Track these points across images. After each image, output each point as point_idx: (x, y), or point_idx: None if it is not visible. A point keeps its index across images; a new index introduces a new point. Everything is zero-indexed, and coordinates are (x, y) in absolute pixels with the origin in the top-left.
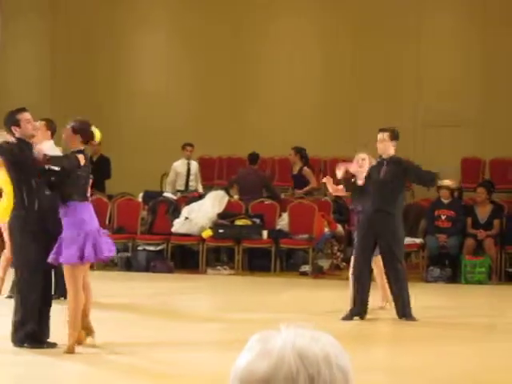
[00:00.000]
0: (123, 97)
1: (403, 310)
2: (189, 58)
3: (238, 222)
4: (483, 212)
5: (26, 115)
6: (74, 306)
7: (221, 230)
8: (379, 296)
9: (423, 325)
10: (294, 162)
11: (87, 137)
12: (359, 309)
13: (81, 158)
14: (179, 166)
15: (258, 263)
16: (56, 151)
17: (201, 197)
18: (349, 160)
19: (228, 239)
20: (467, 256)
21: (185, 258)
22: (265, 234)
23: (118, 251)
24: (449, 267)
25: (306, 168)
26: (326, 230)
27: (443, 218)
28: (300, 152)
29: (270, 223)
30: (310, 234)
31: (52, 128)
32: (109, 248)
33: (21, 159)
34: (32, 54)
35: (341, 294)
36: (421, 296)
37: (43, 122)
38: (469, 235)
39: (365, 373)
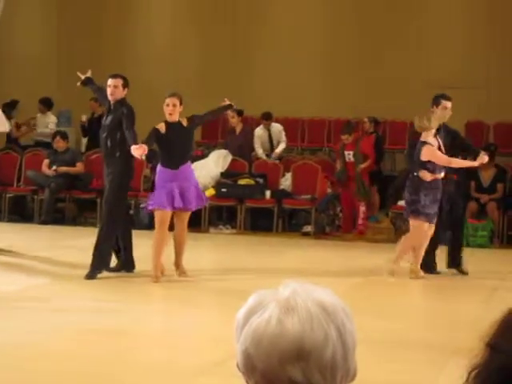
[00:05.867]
0: (129, 56)
1: None
2: (194, 19)
3: (241, 182)
4: (487, 176)
5: (108, 81)
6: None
7: (224, 189)
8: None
9: (425, 283)
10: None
11: None
12: None
13: None
14: (259, 131)
15: (260, 223)
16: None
17: (204, 156)
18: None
19: (231, 198)
20: (470, 219)
21: None
22: (268, 193)
23: None
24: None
25: None
26: (329, 190)
27: None
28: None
29: (273, 183)
30: (312, 195)
31: None
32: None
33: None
34: (38, 12)
35: (342, 255)
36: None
37: None
38: (472, 199)
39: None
